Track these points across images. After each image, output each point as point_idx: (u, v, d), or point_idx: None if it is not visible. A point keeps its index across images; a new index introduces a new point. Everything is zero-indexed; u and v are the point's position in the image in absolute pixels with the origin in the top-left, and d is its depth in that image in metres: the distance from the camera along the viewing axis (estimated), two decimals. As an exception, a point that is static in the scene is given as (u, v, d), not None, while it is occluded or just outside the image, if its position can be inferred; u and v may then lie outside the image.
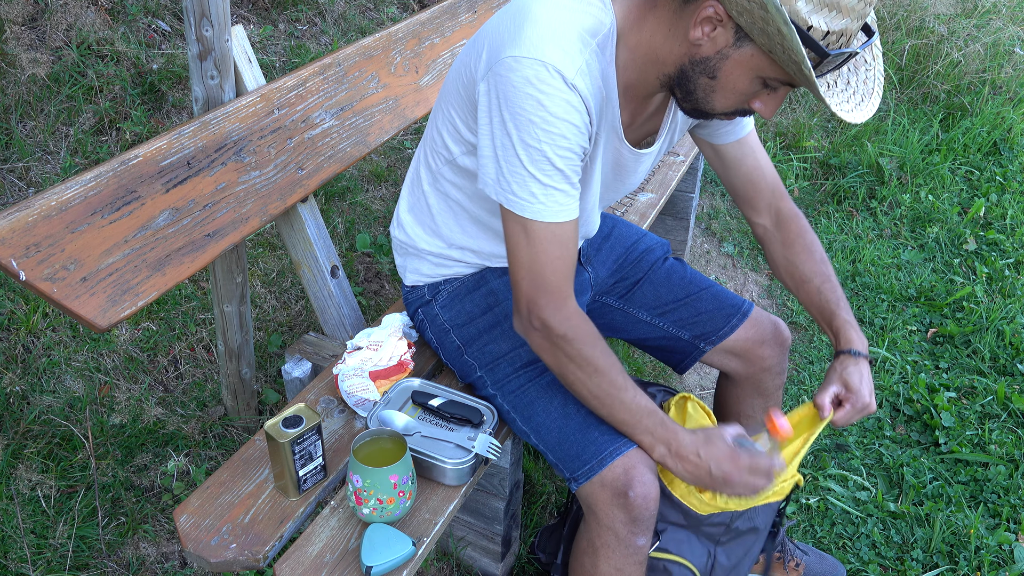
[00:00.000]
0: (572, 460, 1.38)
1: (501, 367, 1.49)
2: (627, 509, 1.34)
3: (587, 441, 1.37)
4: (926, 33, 4.31)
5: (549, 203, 1.23)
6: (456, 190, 1.46)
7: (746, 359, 1.71)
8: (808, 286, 1.56)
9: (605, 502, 1.35)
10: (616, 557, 1.38)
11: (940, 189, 3.57)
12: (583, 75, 1.20)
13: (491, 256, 1.54)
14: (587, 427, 1.38)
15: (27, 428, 1.94)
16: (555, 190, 1.23)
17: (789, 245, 1.59)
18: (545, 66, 1.17)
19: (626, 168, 1.45)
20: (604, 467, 1.34)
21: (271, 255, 2.57)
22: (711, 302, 1.69)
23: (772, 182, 1.59)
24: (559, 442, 1.41)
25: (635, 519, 1.35)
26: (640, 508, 1.34)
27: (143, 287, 1.40)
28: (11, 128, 2.42)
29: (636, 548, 1.38)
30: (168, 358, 2.20)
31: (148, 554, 1.79)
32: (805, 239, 1.58)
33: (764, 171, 1.58)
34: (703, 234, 3.25)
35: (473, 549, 1.84)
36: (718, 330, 1.67)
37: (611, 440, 1.36)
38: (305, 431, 1.29)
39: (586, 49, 1.21)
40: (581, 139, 1.24)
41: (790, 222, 1.59)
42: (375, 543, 1.25)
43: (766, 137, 3.81)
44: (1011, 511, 2.15)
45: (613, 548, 1.37)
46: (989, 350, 2.68)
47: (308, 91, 1.72)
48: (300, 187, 1.71)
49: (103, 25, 2.74)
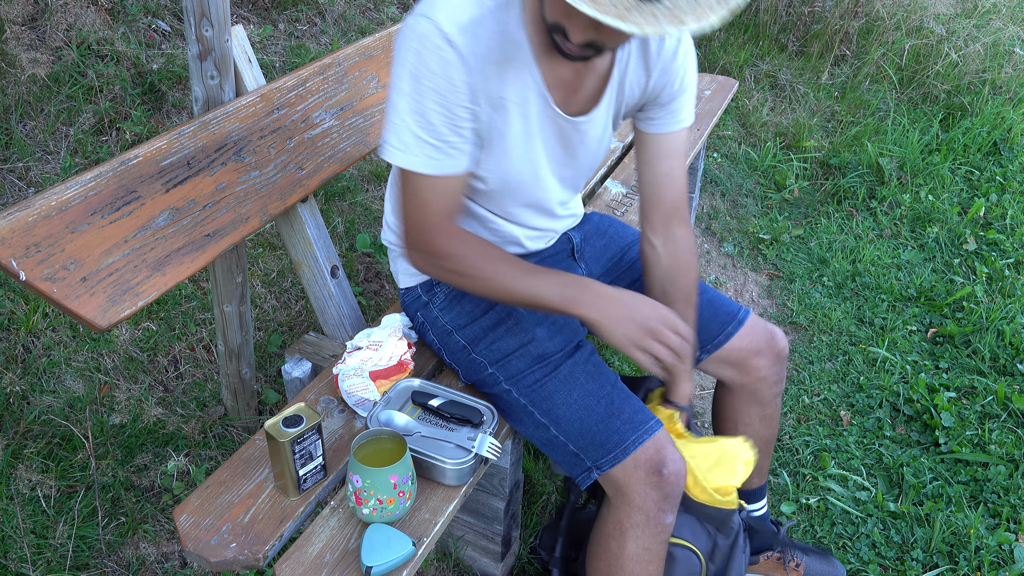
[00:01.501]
0: (596, 448, 1.40)
1: (513, 363, 1.49)
2: (660, 487, 1.38)
3: (611, 430, 1.40)
4: (926, 33, 4.31)
5: (421, 155, 1.29)
6: None
7: (741, 369, 1.69)
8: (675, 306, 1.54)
9: (639, 481, 1.38)
10: (645, 536, 1.41)
11: (940, 189, 3.57)
12: (467, 32, 1.23)
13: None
14: (609, 416, 1.41)
15: (27, 428, 1.94)
16: (427, 144, 1.28)
17: (668, 270, 1.57)
18: (429, 21, 1.23)
19: (570, 138, 1.46)
20: (638, 447, 1.37)
21: (271, 255, 2.57)
22: (706, 309, 1.67)
23: (675, 198, 1.55)
24: (581, 432, 1.42)
25: (667, 495, 1.39)
26: (672, 485, 1.38)
27: (143, 287, 1.40)
28: (11, 128, 2.42)
29: (664, 526, 1.41)
30: (168, 358, 2.20)
31: (148, 554, 1.79)
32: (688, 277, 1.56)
33: (673, 183, 1.54)
34: (703, 234, 3.25)
35: (473, 549, 1.84)
36: (713, 339, 1.66)
37: (639, 424, 1.40)
38: (305, 430, 1.29)
39: (480, 6, 1.25)
40: (458, 97, 1.27)
41: (679, 255, 1.57)
42: (375, 543, 1.25)
43: (766, 137, 3.81)
44: (1011, 511, 2.15)
45: (642, 527, 1.40)
46: (989, 350, 2.68)
47: (308, 91, 1.72)
48: (300, 187, 1.71)
49: (103, 25, 2.74)
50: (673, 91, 1.48)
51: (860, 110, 4.02)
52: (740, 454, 1.55)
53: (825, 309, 2.89)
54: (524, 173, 1.44)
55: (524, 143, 1.40)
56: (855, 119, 3.96)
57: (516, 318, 1.51)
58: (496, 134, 1.37)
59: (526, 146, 1.40)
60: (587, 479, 1.43)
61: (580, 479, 1.44)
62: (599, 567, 1.47)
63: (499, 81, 1.31)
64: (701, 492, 1.52)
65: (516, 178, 1.44)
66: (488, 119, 1.34)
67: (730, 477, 1.53)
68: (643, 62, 1.44)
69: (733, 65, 4.12)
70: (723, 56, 4.15)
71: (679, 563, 1.54)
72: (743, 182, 3.57)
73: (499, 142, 1.38)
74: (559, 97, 1.39)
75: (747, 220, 3.35)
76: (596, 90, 1.43)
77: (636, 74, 1.45)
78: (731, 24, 4.33)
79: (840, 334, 2.78)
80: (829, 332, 2.79)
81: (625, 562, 1.43)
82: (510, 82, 1.33)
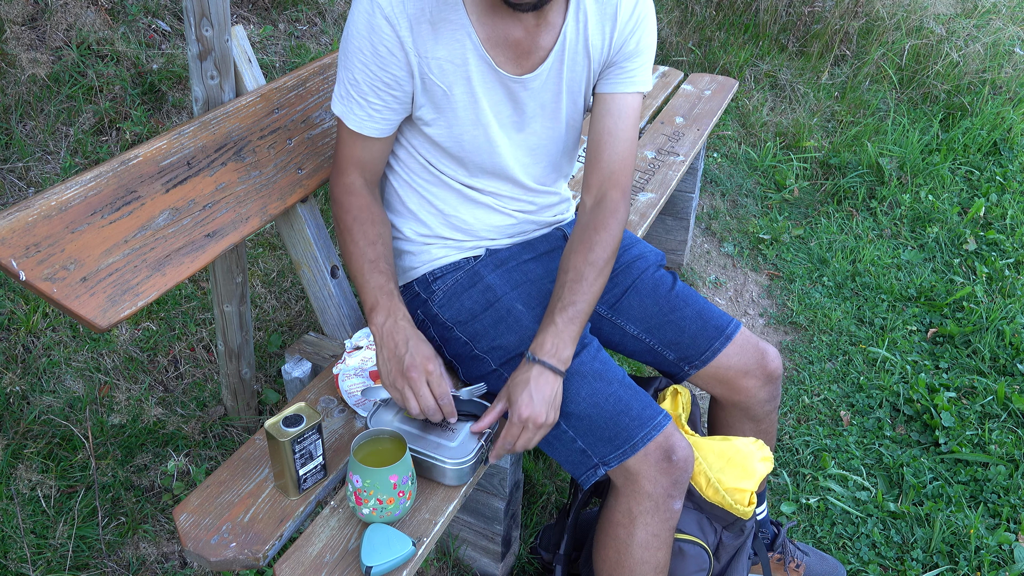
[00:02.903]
0: (604, 444, 1.41)
1: (517, 360, 1.49)
2: (670, 472, 1.39)
3: (620, 426, 1.40)
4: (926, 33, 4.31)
5: (348, 109, 1.42)
6: (411, 169, 1.56)
7: (731, 388, 1.67)
8: (561, 276, 1.47)
9: (649, 467, 1.39)
10: (654, 523, 1.42)
11: (940, 189, 3.57)
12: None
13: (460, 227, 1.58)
14: (618, 413, 1.41)
15: (27, 428, 1.94)
16: (353, 100, 1.41)
17: (582, 232, 1.49)
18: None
19: (519, 99, 1.47)
20: (647, 443, 1.39)
21: (271, 255, 2.57)
22: (695, 322, 1.63)
23: (614, 160, 1.50)
24: (589, 428, 1.42)
25: (676, 481, 1.40)
26: (681, 471, 1.40)
27: (143, 287, 1.40)
28: (11, 128, 2.42)
29: (673, 512, 1.42)
30: (168, 358, 2.20)
31: (148, 554, 1.79)
32: (597, 235, 1.47)
33: (615, 144, 1.50)
34: (703, 234, 3.25)
35: (473, 549, 1.84)
36: (700, 354, 1.63)
37: (647, 419, 1.40)
38: (305, 430, 1.29)
39: None
40: (382, 60, 1.36)
41: (603, 215, 1.49)
42: (375, 543, 1.25)
43: (766, 137, 3.81)
44: (1011, 511, 2.15)
45: (652, 513, 1.41)
46: (989, 350, 2.68)
47: (308, 91, 1.72)
48: (300, 187, 1.70)
49: (103, 25, 2.74)
50: (628, 51, 1.49)
51: (860, 110, 4.02)
52: (755, 452, 1.54)
53: (825, 309, 2.89)
54: (474, 134, 1.47)
55: (470, 104, 1.44)
56: (855, 119, 3.96)
57: (516, 316, 1.51)
58: (441, 94, 1.42)
59: (472, 107, 1.44)
60: (592, 477, 1.42)
61: (584, 477, 1.44)
62: (607, 556, 1.48)
63: (433, 41, 1.36)
64: (714, 493, 1.52)
65: (469, 141, 1.48)
66: (429, 79, 1.39)
67: (746, 478, 1.52)
68: (600, 24, 1.46)
69: (733, 65, 4.12)
70: (723, 56, 4.15)
71: (689, 559, 1.54)
72: (743, 182, 3.57)
73: (446, 103, 1.43)
74: (503, 56, 1.42)
75: (747, 220, 3.35)
76: (549, 50, 1.45)
77: (595, 36, 1.46)
78: (731, 24, 4.33)
79: (840, 334, 2.78)
80: (829, 332, 2.79)
81: (634, 549, 1.43)
82: (444, 42, 1.37)
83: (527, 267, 1.61)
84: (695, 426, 1.66)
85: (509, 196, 1.59)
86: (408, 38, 1.35)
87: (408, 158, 1.55)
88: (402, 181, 1.58)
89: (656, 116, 2.84)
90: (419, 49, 1.36)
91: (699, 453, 1.53)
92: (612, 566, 1.47)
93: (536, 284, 1.58)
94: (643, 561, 1.43)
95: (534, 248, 1.65)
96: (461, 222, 1.58)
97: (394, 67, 1.37)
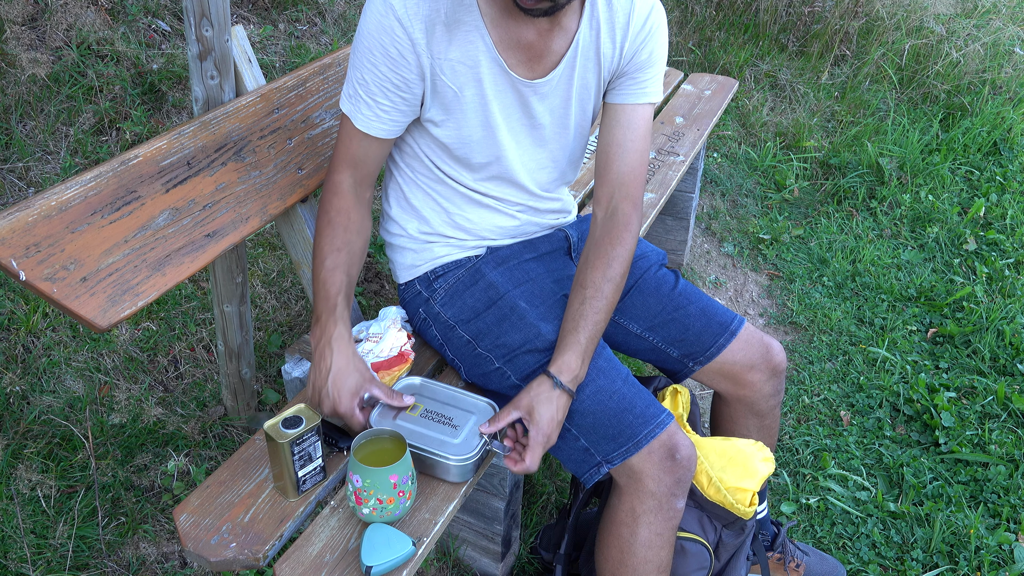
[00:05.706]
0: (608, 443, 1.41)
1: (522, 358, 1.49)
2: (673, 471, 1.39)
3: (623, 424, 1.40)
4: (926, 33, 4.31)
5: (355, 106, 1.41)
6: (416, 168, 1.56)
7: (736, 382, 1.68)
8: (579, 292, 1.46)
9: (653, 466, 1.39)
10: (657, 522, 1.42)
11: (940, 189, 3.57)
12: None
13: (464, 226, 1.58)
14: (622, 411, 1.41)
15: (27, 428, 1.94)
16: (361, 100, 1.40)
17: (597, 246, 1.49)
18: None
19: (529, 103, 1.46)
20: (650, 440, 1.39)
21: (271, 255, 2.57)
22: (699, 319, 1.64)
23: (626, 172, 1.50)
24: (593, 426, 1.42)
25: (679, 480, 1.40)
26: (684, 469, 1.40)
27: (143, 287, 1.40)
28: (11, 128, 2.42)
29: (676, 511, 1.42)
30: (168, 358, 2.20)
31: (148, 554, 1.79)
32: (613, 251, 1.48)
33: (625, 155, 1.50)
34: (703, 234, 3.25)
35: (473, 549, 1.84)
36: (705, 350, 1.64)
37: (651, 417, 1.41)
38: (305, 431, 1.29)
39: None
40: (393, 62, 1.35)
41: (617, 229, 1.49)
42: (375, 543, 1.25)
43: (766, 137, 3.81)
44: (1011, 511, 2.15)
45: (655, 512, 1.41)
46: (989, 350, 2.68)
47: (308, 91, 1.72)
48: (300, 187, 1.70)
49: (103, 25, 2.74)
50: (640, 61, 1.48)
51: (860, 110, 4.02)
52: (756, 452, 1.54)
53: (825, 309, 2.89)
54: (482, 136, 1.46)
55: (480, 106, 1.43)
56: (855, 119, 3.96)
57: (520, 314, 1.51)
58: (451, 96, 1.41)
59: (482, 109, 1.44)
60: (595, 475, 1.43)
61: (587, 476, 1.44)
62: (610, 555, 1.48)
63: (447, 43, 1.36)
64: (716, 492, 1.52)
65: (477, 143, 1.47)
66: (440, 80, 1.39)
67: (748, 478, 1.52)
68: (612, 32, 1.45)
69: (733, 65, 4.12)
70: (723, 56, 4.15)
71: (691, 556, 1.55)
72: (743, 182, 3.57)
73: (456, 104, 1.42)
74: (516, 60, 1.41)
75: (747, 220, 3.35)
76: (562, 55, 1.45)
77: (607, 44, 1.46)
78: (731, 24, 4.33)
79: (840, 334, 2.78)
80: (829, 332, 2.79)
81: (637, 548, 1.43)
82: (458, 44, 1.37)
83: (528, 266, 1.61)
84: (695, 425, 1.66)
85: (514, 200, 1.59)
86: (421, 40, 1.34)
87: (414, 158, 1.55)
88: (407, 179, 1.58)
89: (656, 116, 2.85)
90: (432, 51, 1.35)
91: (701, 452, 1.53)
92: (615, 565, 1.47)
93: (537, 283, 1.58)
94: (646, 560, 1.43)
95: (535, 248, 1.65)
96: (465, 220, 1.58)
97: (404, 69, 1.37)
